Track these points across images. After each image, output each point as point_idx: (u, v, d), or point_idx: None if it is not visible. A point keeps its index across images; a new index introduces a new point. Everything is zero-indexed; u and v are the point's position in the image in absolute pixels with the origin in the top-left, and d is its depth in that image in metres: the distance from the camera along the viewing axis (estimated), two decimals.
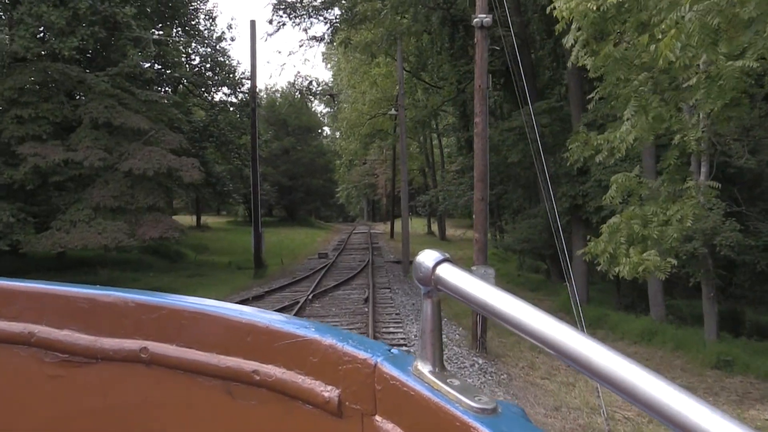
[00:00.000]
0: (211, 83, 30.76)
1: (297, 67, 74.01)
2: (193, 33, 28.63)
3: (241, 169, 33.40)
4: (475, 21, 9.42)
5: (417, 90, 29.91)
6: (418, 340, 0.76)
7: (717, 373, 10.15)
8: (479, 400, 0.67)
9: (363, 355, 0.77)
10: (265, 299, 13.67)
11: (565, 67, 18.79)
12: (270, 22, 22.71)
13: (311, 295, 13.69)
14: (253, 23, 19.21)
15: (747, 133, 12.40)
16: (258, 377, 0.85)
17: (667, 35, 5.45)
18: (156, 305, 0.96)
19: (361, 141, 40.24)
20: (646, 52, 6.79)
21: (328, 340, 0.81)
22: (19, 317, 1.03)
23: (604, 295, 18.10)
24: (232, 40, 67.74)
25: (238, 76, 32.47)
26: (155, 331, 0.94)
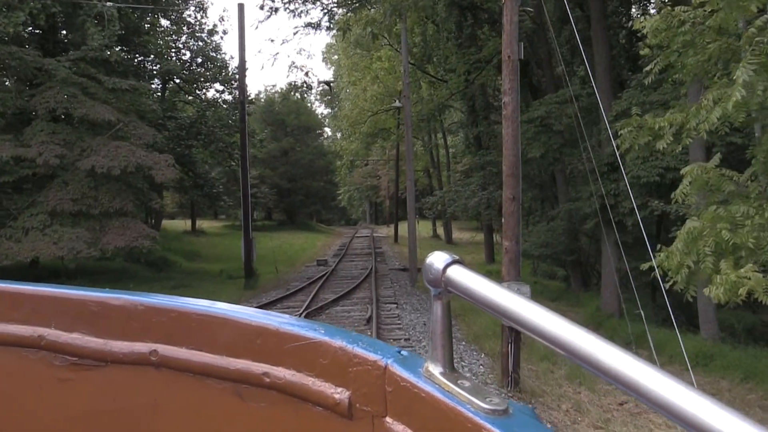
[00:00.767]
0: (202, 79, 28.91)
1: (291, 57, 69.24)
2: (181, 25, 26.76)
3: (236, 171, 31.57)
4: None
5: (421, 85, 27.95)
6: (428, 341, 0.75)
7: None
8: (490, 401, 0.66)
9: (373, 356, 0.77)
10: None
11: (588, 53, 16.87)
12: (261, 7, 20.79)
13: (304, 313, 11.74)
14: (241, 6, 17.30)
15: None
16: (268, 379, 0.85)
17: None
18: (165, 308, 0.96)
19: (363, 140, 38.30)
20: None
21: (337, 342, 0.80)
22: (29, 320, 1.04)
23: (637, 307, 16.05)
24: (224, 33, 65.50)
25: (231, 72, 30.70)
26: (164, 334, 0.94)
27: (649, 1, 19.35)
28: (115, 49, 14.13)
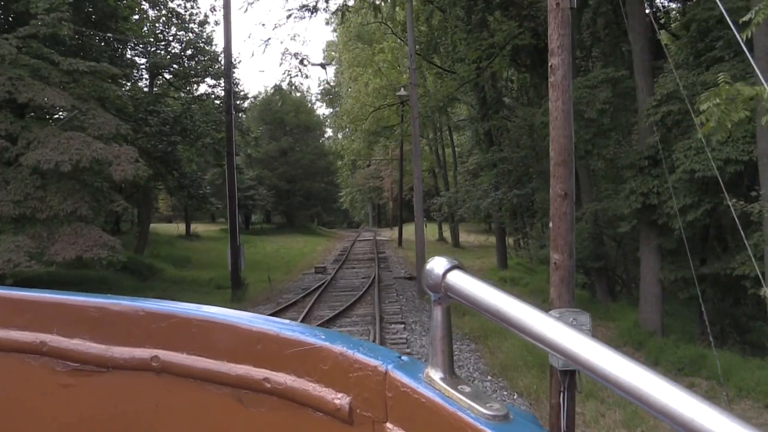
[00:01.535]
0: (192, 72, 26.97)
1: (285, 44, 63.56)
2: (169, 15, 24.84)
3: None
4: None
5: (427, 78, 25.93)
6: (429, 347, 0.74)
7: None
8: (491, 407, 0.65)
9: (373, 362, 0.76)
10: None
11: (623, 32, 14.86)
12: None
13: None
14: None
15: None
16: (268, 385, 0.84)
17: None
18: (166, 314, 0.95)
19: (365, 139, 36.31)
20: None
21: (338, 348, 0.80)
22: (31, 327, 1.03)
23: (681, 323, 13.97)
24: (216, 24, 63.35)
25: (223, 65, 28.76)
26: (165, 340, 0.93)
27: None
28: (68, 23, 12.09)
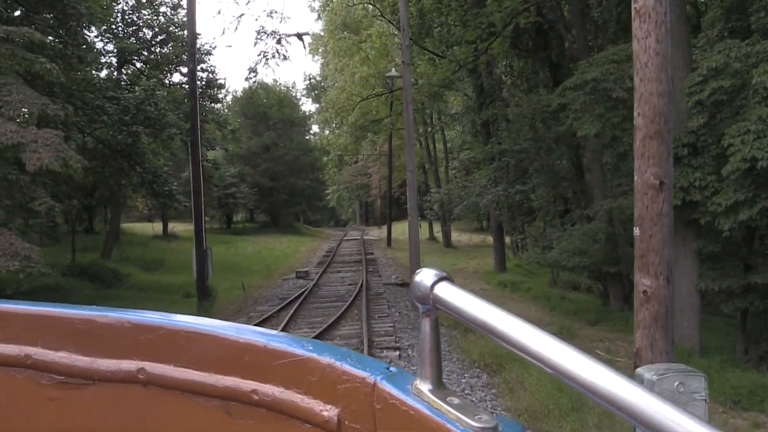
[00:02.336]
0: (164, 60, 24.76)
1: (261, 20, 57.65)
2: None
3: (209, 169, 27.43)
4: None
5: (419, 65, 23.90)
6: (417, 358, 0.73)
7: None
8: (479, 418, 0.65)
9: (362, 373, 0.76)
10: None
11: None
12: None
13: None
14: None
15: None
16: (256, 397, 0.83)
17: None
18: (153, 325, 0.94)
19: (352, 134, 34.22)
20: None
21: (326, 359, 0.79)
22: (16, 339, 1.02)
23: (720, 340, 12.07)
24: None
25: (199, 52, 26.53)
26: (152, 352, 0.92)
27: None
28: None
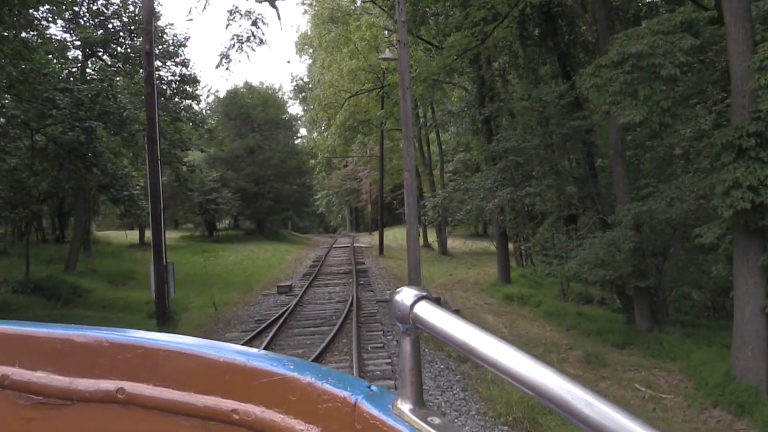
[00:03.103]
0: (131, 52, 22.51)
1: (237, 1, 49.73)
2: None
3: (184, 172, 25.11)
4: None
5: (414, 56, 21.83)
6: (398, 378, 0.74)
7: None
8: None
9: (342, 393, 0.75)
10: None
11: None
12: None
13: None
14: None
15: None
16: (237, 416, 0.82)
17: None
18: (131, 344, 0.92)
19: (341, 135, 32.09)
20: None
21: (306, 378, 0.79)
22: None
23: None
24: None
25: (170, 44, 24.33)
26: (131, 371, 0.91)
27: None
28: None
